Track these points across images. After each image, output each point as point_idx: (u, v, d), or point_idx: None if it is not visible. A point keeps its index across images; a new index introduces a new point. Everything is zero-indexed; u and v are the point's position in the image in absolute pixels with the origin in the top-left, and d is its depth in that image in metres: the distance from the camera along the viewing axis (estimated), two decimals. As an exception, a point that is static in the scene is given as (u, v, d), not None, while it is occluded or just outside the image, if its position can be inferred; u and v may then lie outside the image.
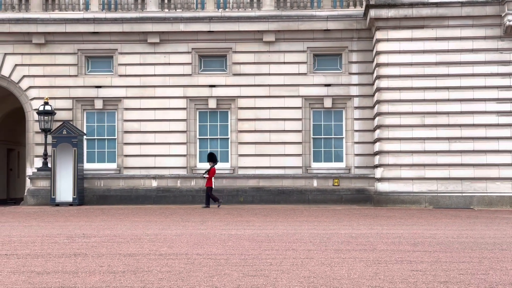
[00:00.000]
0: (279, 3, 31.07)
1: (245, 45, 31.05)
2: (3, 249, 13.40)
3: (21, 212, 25.91)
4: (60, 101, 31.11)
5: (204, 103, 31.15)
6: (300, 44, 30.95)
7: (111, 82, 31.24)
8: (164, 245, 14.01)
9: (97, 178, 30.88)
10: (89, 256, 12.25)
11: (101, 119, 31.50)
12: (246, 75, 31.03)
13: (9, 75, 31.34)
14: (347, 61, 30.88)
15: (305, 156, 30.80)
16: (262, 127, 30.88)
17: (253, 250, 13.11)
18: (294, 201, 30.30)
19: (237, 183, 30.75)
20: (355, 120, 30.77)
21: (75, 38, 31.20)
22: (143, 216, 23.13)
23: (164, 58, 31.17)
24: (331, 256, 12.29)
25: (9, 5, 31.24)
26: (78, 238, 15.49)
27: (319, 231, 17.23)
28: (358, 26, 30.61)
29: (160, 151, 30.92)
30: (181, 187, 30.82)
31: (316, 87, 30.91)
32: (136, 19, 30.95)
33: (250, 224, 19.64)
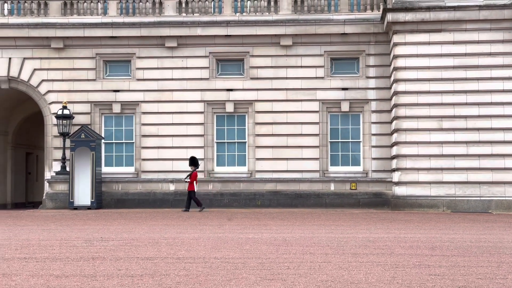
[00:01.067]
0: (296, 7, 31.08)
1: (262, 49, 31.09)
2: (22, 252, 13.49)
3: (40, 216, 26.06)
4: (79, 105, 31.28)
5: (221, 107, 31.20)
6: (317, 48, 30.94)
7: (129, 86, 31.37)
8: (182, 248, 14.04)
9: (115, 182, 30.99)
10: (107, 260, 12.30)
11: (119, 123, 31.63)
12: (264, 79, 31.06)
13: (28, 80, 31.56)
14: (364, 64, 30.83)
15: (322, 160, 30.77)
16: (280, 131, 30.88)
17: (271, 254, 13.12)
18: (311, 205, 30.26)
19: (254, 187, 30.76)
20: (373, 124, 30.70)
21: (93, 43, 31.36)
22: (161, 220, 23.19)
23: (182, 62, 31.26)
24: (348, 260, 12.26)
25: (28, 10, 31.47)
26: (96, 241, 15.56)
27: (336, 235, 17.20)
28: (375, 30, 30.55)
29: (178, 155, 30.99)
30: (199, 190, 30.83)
31: (333, 91, 30.87)
32: (153, 23, 31.07)
33: (268, 228, 19.64)
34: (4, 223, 22.32)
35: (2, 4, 31.50)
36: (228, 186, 30.84)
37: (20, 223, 22.22)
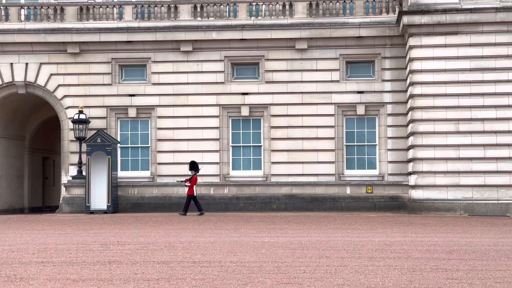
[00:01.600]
0: (311, 11, 31.05)
1: (277, 52, 31.08)
2: (39, 256, 13.54)
3: (57, 220, 26.17)
4: (95, 110, 31.39)
5: (236, 110, 31.21)
6: (332, 51, 30.89)
7: (145, 90, 31.45)
8: (198, 252, 14.04)
9: (131, 186, 31.07)
10: (124, 264, 12.32)
11: (135, 127, 31.71)
12: (279, 82, 31.04)
13: (45, 84, 31.72)
14: (380, 68, 30.75)
15: (338, 163, 30.70)
16: (295, 134, 30.85)
17: (287, 258, 13.09)
18: (327, 209, 30.20)
19: (270, 191, 30.73)
20: (388, 127, 30.60)
21: (109, 47, 31.48)
22: (177, 224, 23.21)
23: (197, 66, 31.31)
24: (365, 264, 12.21)
25: (45, 15, 31.63)
26: (112, 245, 15.59)
27: (352, 239, 17.14)
28: (391, 32, 30.46)
29: (193, 158, 30.96)
30: (214, 194, 30.89)
31: (349, 94, 30.81)
32: (169, 27, 31.14)
33: (283, 232, 19.61)
34: (21, 227, 22.42)
35: (19, 9, 31.69)
36: (243, 190, 30.83)
37: (37, 227, 22.32)
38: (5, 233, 20.10)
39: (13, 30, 31.34)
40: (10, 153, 34.88)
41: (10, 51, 31.63)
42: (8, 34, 31.35)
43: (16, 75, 31.75)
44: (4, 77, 31.78)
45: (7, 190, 34.67)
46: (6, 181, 34.56)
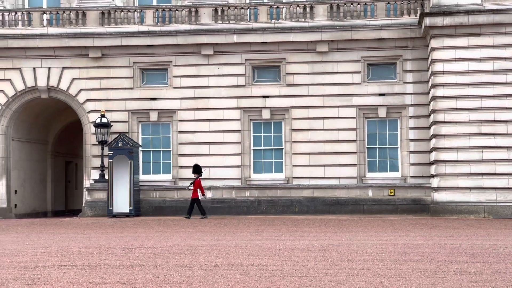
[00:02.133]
0: (332, 13, 30.99)
1: (298, 55, 31.05)
2: (62, 260, 13.61)
3: (79, 224, 26.31)
4: (116, 114, 31.54)
5: (258, 114, 31.21)
6: (353, 53, 30.81)
7: (166, 94, 31.55)
8: (220, 255, 14.04)
9: (152, 189, 31.16)
10: (146, 267, 12.35)
11: (156, 131, 31.82)
12: (300, 85, 31.01)
13: (67, 89, 31.92)
14: (401, 70, 30.62)
15: (359, 166, 30.60)
16: (316, 137, 30.79)
17: (309, 261, 13.05)
18: (349, 211, 30.10)
19: (291, 194, 30.70)
20: (411, 129, 30.46)
21: (130, 51, 31.62)
22: (198, 227, 23.24)
23: (218, 69, 31.36)
24: (387, 267, 12.15)
25: (67, 20, 31.84)
26: (134, 249, 15.64)
27: (375, 242, 17.06)
28: (412, 34, 30.32)
29: (215, 162, 31.07)
30: (236, 197, 30.91)
31: (370, 97, 30.71)
32: (190, 31, 31.22)
33: (305, 235, 19.57)
34: (45, 231, 22.57)
35: (41, 14, 31.94)
36: (265, 193, 30.82)
37: (60, 231, 22.45)
38: (28, 236, 20.25)
39: (36, 35, 31.58)
40: (33, 157, 35.14)
41: (33, 56, 31.87)
42: (31, 39, 31.59)
43: (39, 79, 31.99)
44: (27, 81, 32.03)
45: (31, 194, 34.92)
46: (30, 185, 34.82)
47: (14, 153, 33.11)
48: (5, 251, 15.47)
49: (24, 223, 27.63)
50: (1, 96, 32.16)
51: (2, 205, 32.32)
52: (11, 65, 32.04)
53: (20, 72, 32.04)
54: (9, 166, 32.65)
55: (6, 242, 18.23)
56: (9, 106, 32.34)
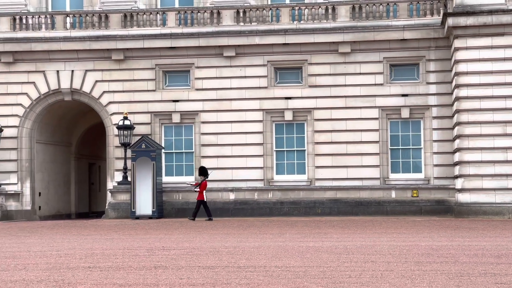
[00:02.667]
0: (354, 14, 30.89)
1: (320, 56, 30.99)
2: (86, 261, 13.67)
3: (103, 225, 26.44)
4: (139, 116, 31.66)
5: (280, 115, 31.19)
6: (376, 54, 30.70)
7: (188, 96, 31.62)
8: (243, 257, 14.04)
9: (175, 191, 31.24)
10: (169, 269, 12.37)
11: (179, 133, 31.90)
12: (322, 86, 30.95)
13: (90, 91, 32.10)
14: (424, 70, 30.45)
15: (382, 167, 30.47)
16: (339, 138, 30.71)
17: (332, 262, 13.01)
18: (372, 213, 29.99)
19: (314, 195, 30.63)
20: (434, 130, 30.28)
21: (153, 54, 31.73)
22: (221, 229, 23.26)
23: (240, 71, 31.38)
24: (411, 269, 12.07)
25: (90, 23, 32.03)
26: (158, 250, 15.68)
27: (398, 243, 16.98)
28: (435, 35, 30.14)
29: (237, 163, 31.08)
30: (259, 199, 30.90)
31: (393, 98, 30.57)
32: (212, 33, 31.26)
33: (328, 236, 19.51)
34: (68, 233, 22.71)
35: (64, 17, 32.14)
36: (288, 194, 30.78)
37: (84, 233, 22.57)
38: (53, 238, 20.37)
39: (59, 38, 31.79)
40: (57, 159, 35.38)
41: (56, 58, 32.09)
42: (55, 42, 31.81)
43: (62, 82, 32.20)
44: (50, 84, 32.25)
45: (55, 196, 35.16)
46: (54, 187, 35.05)
47: (38, 155, 33.35)
48: (29, 253, 15.59)
49: (48, 225, 27.81)
50: (25, 99, 32.40)
51: (26, 207, 32.57)
52: (34, 68, 32.28)
53: (44, 75, 32.27)
54: (33, 168, 32.90)
55: (31, 244, 18.36)
56: (33, 109, 32.59)
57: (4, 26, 32.19)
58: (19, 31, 32.12)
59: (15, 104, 32.39)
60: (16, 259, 14.20)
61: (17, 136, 32.42)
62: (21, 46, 31.97)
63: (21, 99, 32.40)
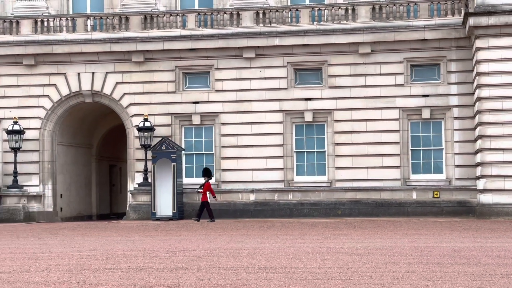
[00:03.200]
0: (374, 14, 30.78)
1: (340, 57, 30.91)
2: (107, 263, 13.72)
3: (124, 227, 26.54)
4: (159, 117, 31.75)
5: (300, 116, 31.15)
6: (396, 55, 30.57)
7: (208, 97, 31.67)
8: (263, 258, 14.03)
9: (196, 192, 31.25)
10: (190, 270, 12.39)
11: (199, 134, 31.95)
12: (342, 87, 30.87)
13: (111, 93, 32.24)
14: (445, 70, 30.28)
15: (403, 168, 30.33)
16: (359, 139, 30.61)
17: (352, 264, 12.97)
18: (392, 214, 29.86)
19: (334, 196, 30.55)
20: (455, 131, 30.09)
21: (173, 55, 31.81)
22: (242, 230, 23.26)
23: (260, 72, 31.38)
24: (433, 270, 12.00)
25: (110, 25, 32.18)
26: (178, 252, 15.71)
27: (419, 244, 16.89)
28: (456, 35, 29.97)
29: (257, 165, 31.08)
30: (279, 200, 30.87)
31: (414, 98, 30.43)
32: (231, 34, 31.29)
33: (349, 237, 19.46)
34: (90, 234, 22.82)
35: (85, 20, 32.32)
36: (308, 195, 30.73)
37: (105, 234, 22.67)
38: (74, 239, 20.49)
39: (80, 40, 31.97)
40: (78, 161, 35.57)
41: (77, 61, 32.27)
42: (75, 44, 31.99)
43: (83, 84, 32.37)
44: (71, 86, 32.44)
45: (76, 198, 35.35)
46: (75, 188, 35.25)
47: (59, 157, 33.55)
48: (51, 254, 15.68)
49: (70, 226, 27.97)
50: (47, 101, 32.62)
51: (48, 209, 32.78)
52: (56, 71, 32.49)
53: (65, 77, 32.47)
54: (55, 170, 33.10)
55: (53, 245, 18.47)
56: (54, 111, 32.79)
57: (26, 29, 32.43)
58: (40, 34, 32.34)
59: (37, 107, 32.61)
60: (38, 260, 14.29)
61: (39, 138, 32.63)
62: (42, 48, 32.19)
63: (42, 101, 32.62)
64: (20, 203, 32.10)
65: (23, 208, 32.05)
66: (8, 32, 32.53)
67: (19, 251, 16.59)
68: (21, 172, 32.18)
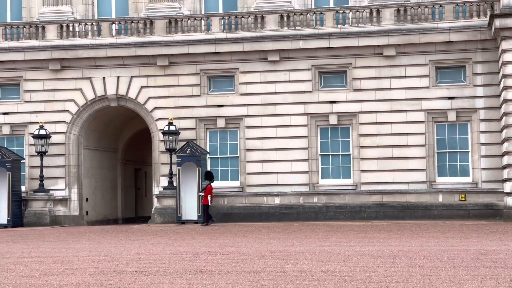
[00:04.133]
0: (399, 17, 30.64)
1: (365, 60, 30.80)
2: (133, 266, 13.78)
3: (149, 230, 26.63)
4: (184, 121, 31.84)
5: (325, 119, 31.08)
6: (421, 57, 30.40)
7: (233, 101, 31.70)
8: (288, 262, 14.00)
9: (220, 196, 31.31)
10: (215, 273, 12.39)
11: (224, 138, 31.99)
12: (367, 90, 30.75)
13: (136, 97, 32.39)
14: (471, 73, 30.06)
15: (429, 170, 30.14)
16: (384, 142, 30.48)
17: (378, 267, 12.90)
18: (418, 217, 29.67)
19: (359, 199, 30.44)
20: (481, 133, 29.85)
21: (197, 59, 31.90)
22: (267, 233, 23.25)
23: (284, 75, 31.36)
24: (460, 273, 11.91)
25: (135, 29, 32.34)
26: (204, 255, 15.73)
27: (446, 248, 16.77)
28: (482, 36, 29.74)
29: (282, 168, 31.05)
30: (304, 203, 30.81)
31: (439, 100, 30.24)
32: (256, 38, 31.30)
33: (374, 241, 19.36)
34: (115, 238, 22.93)
35: (110, 24, 32.51)
36: (333, 198, 30.63)
37: (130, 238, 22.77)
38: (100, 243, 20.59)
39: (105, 44, 32.16)
40: (103, 165, 35.78)
41: (102, 65, 32.46)
42: (100, 49, 32.19)
43: (108, 88, 32.56)
44: (97, 91, 32.64)
45: (102, 201, 35.55)
46: (101, 192, 35.45)
47: (85, 161, 33.77)
48: (77, 258, 15.77)
49: (96, 230, 28.13)
50: (72, 106, 32.84)
51: (74, 212, 33.00)
52: (81, 75, 32.71)
53: (90, 81, 32.68)
54: (80, 174, 33.32)
55: (79, 248, 18.58)
56: (80, 115, 33.01)
57: (51, 34, 32.68)
58: (66, 39, 32.58)
59: (63, 111, 32.84)
60: (65, 264, 14.38)
61: (65, 142, 32.87)
62: (68, 53, 32.44)
63: (68, 105, 32.85)
64: (46, 207, 32.35)
65: (49, 212, 32.30)
66: (34, 37, 32.81)
67: (46, 255, 16.71)
68: (47, 176, 32.44)
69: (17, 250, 18.53)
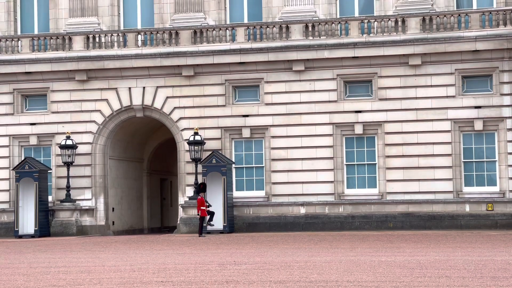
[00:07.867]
0: (424, 26, 30.51)
1: (390, 69, 30.70)
2: (159, 276, 13.80)
3: (175, 240, 26.69)
4: (209, 131, 31.91)
5: (350, 129, 30.99)
6: (447, 66, 30.24)
7: (258, 110, 31.73)
8: (314, 272, 13.95)
9: (246, 206, 31.31)
10: (241, 283, 12.37)
11: (249, 148, 32.02)
12: (392, 99, 30.63)
13: (161, 107, 32.54)
14: (498, 81, 29.83)
15: (455, 180, 29.92)
16: (410, 151, 30.31)
17: (405, 277, 12.81)
18: (445, 227, 29.45)
19: (385, 209, 30.28)
20: (509, 142, 29.59)
21: (222, 69, 31.99)
22: (292, 243, 23.19)
23: (309, 85, 31.34)
24: (487, 284, 11.79)
25: (160, 40, 32.53)
26: (229, 265, 15.72)
27: (473, 258, 16.61)
28: (509, 45, 29.52)
29: (308, 177, 30.99)
30: (329, 213, 30.72)
31: (466, 110, 30.03)
32: (281, 47, 31.33)
33: (401, 251, 19.24)
34: (142, 248, 23.00)
35: (136, 35, 32.73)
36: (359, 208, 30.51)
37: (156, 248, 22.82)
38: (126, 253, 20.67)
39: (131, 55, 32.38)
40: (129, 175, 35.94)
41: (128, 76, 32.67)
42: (126, 59, 32.41)
43: (134, 99, 32.74)
44: (123, 101, 32.84)
45: (128, 211, 35.70)
46: (127, 202, 35.60)
47: (111, 171, 33.96)
48: (104, 268, 15.84)
49: (122, 240, 28.24)
50: (99, 116, 33.07)
51: (100, 222, 33.17)
52: (107, 86, 32.94)
53: (116, 92, 32.89)
54: (106, 184, 33.51)
55: (105, 258, 18.67)
56: (106, 126, 33.23)
57: (78, 45, 32.97)
58: (92, 50, 32.85)
59: (89, 121, 33.08)
60: (91, 274, 14.45)
61: (91, 152, 33.08)
62: (94, 64, 32.69)
63: (94, 116, 33.08)
64: (73, 217, 32.56)
65: (75, 222, 32.49)
66: (61, 48, 33.11)
67: (72, 265, 16.80)
68: (74, 186, 32.65)
69: (44, 260, 18.66)
